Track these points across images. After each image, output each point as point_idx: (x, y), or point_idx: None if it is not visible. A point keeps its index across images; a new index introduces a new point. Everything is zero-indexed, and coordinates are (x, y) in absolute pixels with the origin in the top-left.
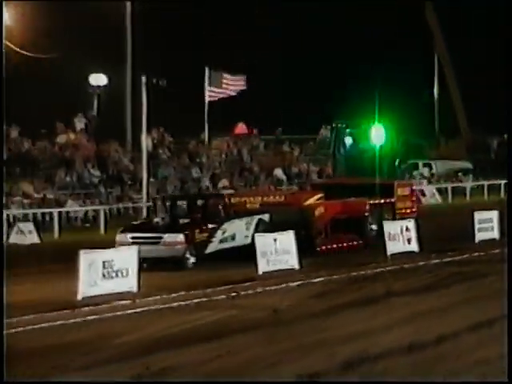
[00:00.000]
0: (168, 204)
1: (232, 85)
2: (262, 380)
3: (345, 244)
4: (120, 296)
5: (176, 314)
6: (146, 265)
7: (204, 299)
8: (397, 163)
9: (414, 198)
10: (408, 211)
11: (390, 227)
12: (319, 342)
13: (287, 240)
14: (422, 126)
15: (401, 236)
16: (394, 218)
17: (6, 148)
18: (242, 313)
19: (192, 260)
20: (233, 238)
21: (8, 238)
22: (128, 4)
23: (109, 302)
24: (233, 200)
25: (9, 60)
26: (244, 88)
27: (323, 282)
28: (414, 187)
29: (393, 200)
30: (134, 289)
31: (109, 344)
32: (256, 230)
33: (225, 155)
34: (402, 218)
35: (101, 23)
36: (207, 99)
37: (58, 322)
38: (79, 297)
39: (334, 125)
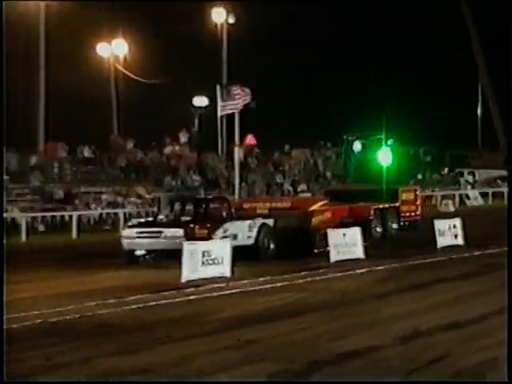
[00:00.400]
0: (173, 204)
1: (241, 97)
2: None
3: None
4: (216, 280)
5: (261, 295)
6: (150, 256)
7: (285, 283)
8: (445, 171)
9: (418, 203)
10: (412, 214)
11: (440, 225)
12: (379, 319)
13: (354, 234)
14: (468, 139)
15: (449, 232)
16: (398, 221)
17: (124, 158)
18: (316, 295)
19: None
20: (235, 237)
21: None
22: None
23: (207, 284)
24: (245, 205)
25: (128, 86)
26: (249, 101)
27: (384, 270)
28: (417, 192)
29: (397, 204)
30: (228, 274)
31: (207, 319)
32: (259, 233)
33: (303, 164)
34: (406, 221)
35: (201, 52)
36: (219, 114)
37: (167, 301)
38: (183, 280)
39: (344, 137)
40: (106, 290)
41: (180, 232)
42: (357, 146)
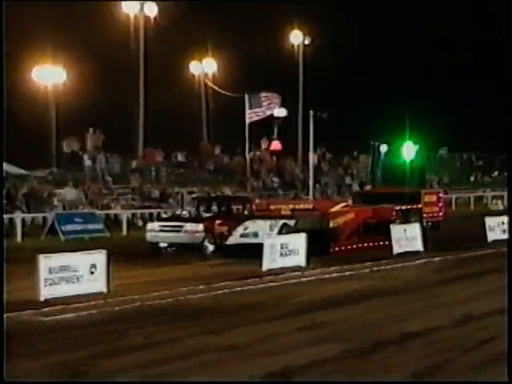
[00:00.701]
0: (199, 202)
1: (269, 104)
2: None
3: (371, 244)
4: (293, 269)
5: (333, 282)
6: (172, 249)
7: (353, 272)
8: (495, 174)
9: (441, 204)
10: (435, 215)
11: (490, 221)
12: (437, 304)
13: (415, 230)
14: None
15: (498, 228)
16: (421, 222)
17: (212, 162)
18: (381, 282)
19: (211, 248)
20: (255, 235)
21: None
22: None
23: (285, 273)
24: (271, 206)
25: (216, 99)
26: (278, 106)
27: (441, 261)
28: (441, 195)
29: (419, 206)
30: (303, 264)
31: (285, 303)
32: (280, 232)
33: (370, 167)
34: (429, 221)
35: (280, 69)
36: (247, 121)
37: (250, 287)
38: (263, 269)
39: (371, 143)
40: (196, 278)
41: (200, 227)
42: (383, 151)
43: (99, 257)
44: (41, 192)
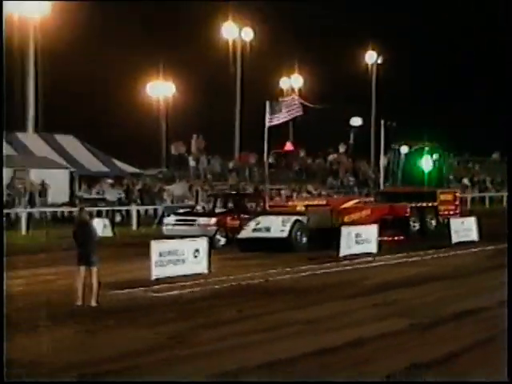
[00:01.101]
0: (215, 198)
1: (290, 109)
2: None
3: (387, 238)
4: (365, 255)
5: (399, 267)
6: None
7: (417, 258)
8: None
9: (457, 203)
10: (451, 212)
11: None
12: (487, 287)
13: (471, 223)
14: None
15: None
16: (437, 219)
17: (298, 163)
18: (438, 268)
19: (222, 241)
20: (267, 229)
21: None
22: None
23: (358, 258)
24: (289, 203)
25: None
26: (299, 113)
27: (493, 250)
28: (457, 194)
29: (435, 204)
30: (375, 251)
31: (359, 284)
32: (292, 228)
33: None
34: (445, 219)
35: (354, 82)
36: (267, 125)
37: (328, 270)
38: (340, 255)
39: (392, 146)
40: (283, 262)
41: (212, 221)
42: (403, 152)
43: (202, 243)
44: (153, 188)
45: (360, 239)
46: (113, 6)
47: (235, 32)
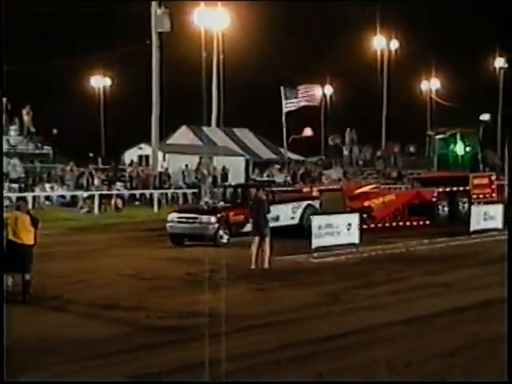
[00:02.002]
0: (224, 190)
1: (305, 96)
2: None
3: (414, 223)
4: (492, 230)
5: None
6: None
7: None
8: None
9: (493, 186)
10: (487, 196)
11: None
12: None
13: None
14: None
15: None
16: (469, 202)
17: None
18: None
19: (225, 238)
20: (276, 219)
21: None
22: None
23: (486, 233)
24: (304, 189)
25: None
26: (316, 98)
27: None
28: (493, 178)
29: (467, 188)
30: (500, 226)
31: (485, 254)
32: (303, 213)
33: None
34: (480, 202)
35: (482, 82)
36: (284, 111)
37: (462, 242)
38: (470, 230)
39: (427, 133)
40: (422, 235)
41: (213, 219)
42: (439, 139)
43: (354, 217)
44: (313, 172)
45: (487, 216)
46: (282, 18)
47: (383, 43)
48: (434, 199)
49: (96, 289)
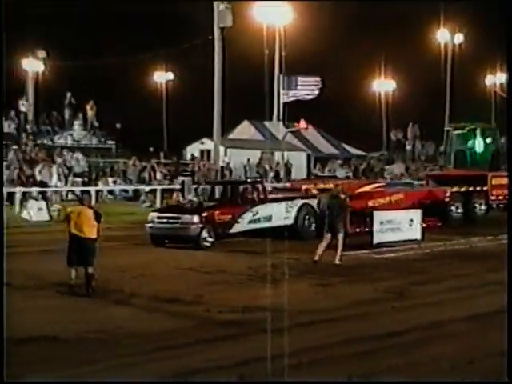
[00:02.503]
0: (213, 188)
1: (305, 88)
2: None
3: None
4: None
5: None
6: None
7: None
8: None
9: None
10: (506, 197)
11: None
12: None
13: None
14: None
15: None
16: (487, 203)
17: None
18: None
19: (210, 240)
20: (267, 219)
21: None
22: None
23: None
24: (303, 186)
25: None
26: (316, 91)
27: None
28: None
29: (485, 188)
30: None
31: None
32: (298, 212)
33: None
34: (499, 203)
35: None
36: (282, 101)
37: None
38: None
39: (445, 128)
40: (483, 233)
41: (195, 218)
42: (456, 134)
43: (415, 214)
44: (375, 167)
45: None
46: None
47: (447, 37)
48: (446, 199)
49: (156, 282)
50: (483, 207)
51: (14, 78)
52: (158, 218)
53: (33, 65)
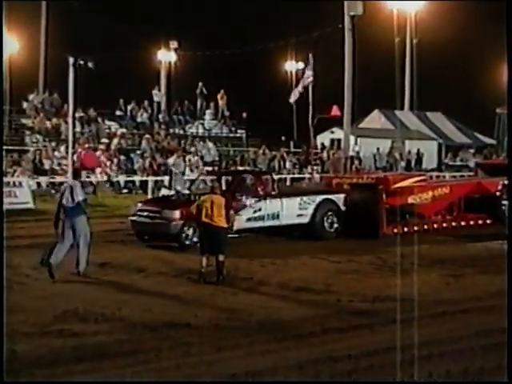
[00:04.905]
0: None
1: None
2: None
3: (470, 222)
4: None
5: None
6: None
7: None
8: None
9: None
10: None
11: None
12: None
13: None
14: None
15: None
16: None
17: None
18: None
19: (193, 239)
20: (274, 216)
21: None
22: None
23: None
24: (334, 181)
25: None
26: (311, 81)
27: None
28: None
29: None
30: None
31: None
32: (316, 210)
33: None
34: None
35: None
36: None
37: None
38: None
39: (496, 111)
40: None
41: (176, 214)
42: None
43: None
44: None
45: None
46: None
47: None
48: (497, 193)
49: (286, 271)
50: None
51: (149, 69)
52: (139, 211)
53: (166, 55)
